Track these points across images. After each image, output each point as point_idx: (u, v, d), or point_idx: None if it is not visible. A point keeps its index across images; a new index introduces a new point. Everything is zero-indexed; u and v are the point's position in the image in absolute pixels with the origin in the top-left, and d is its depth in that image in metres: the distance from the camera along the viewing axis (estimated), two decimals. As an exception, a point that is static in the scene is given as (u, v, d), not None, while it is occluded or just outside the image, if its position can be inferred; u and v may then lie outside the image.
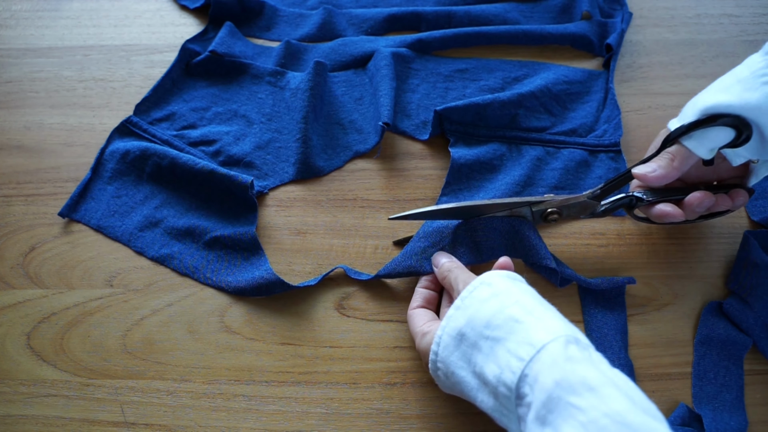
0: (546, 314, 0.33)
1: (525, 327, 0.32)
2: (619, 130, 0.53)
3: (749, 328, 0.43)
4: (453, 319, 0.36)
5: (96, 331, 0.45)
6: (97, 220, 0.49)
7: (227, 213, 0.49)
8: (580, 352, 0.30)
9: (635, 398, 0.27)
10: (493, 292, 0.35)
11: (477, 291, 0.36)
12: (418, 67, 0.59)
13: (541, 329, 0.31)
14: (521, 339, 0.31)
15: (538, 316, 0.33)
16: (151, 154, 0.51)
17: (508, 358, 0.31)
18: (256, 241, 0.47)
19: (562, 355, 0.29)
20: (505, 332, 0.32)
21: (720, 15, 0.65)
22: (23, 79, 0.60)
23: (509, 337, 0.32)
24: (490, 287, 0.36)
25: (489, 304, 0.34)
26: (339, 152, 0.54)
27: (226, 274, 0.46)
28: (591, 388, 0.27)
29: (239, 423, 0.41)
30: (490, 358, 0.32)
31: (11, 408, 0.42)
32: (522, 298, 0.34)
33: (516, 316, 0.33)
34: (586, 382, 0.28)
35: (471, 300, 0.35)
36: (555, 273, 0.44)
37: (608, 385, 0.27)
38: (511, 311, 0.33)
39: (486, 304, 0.34)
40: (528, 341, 0.31)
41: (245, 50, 0.61)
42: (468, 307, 0.35)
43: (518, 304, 0.34)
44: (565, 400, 0.27)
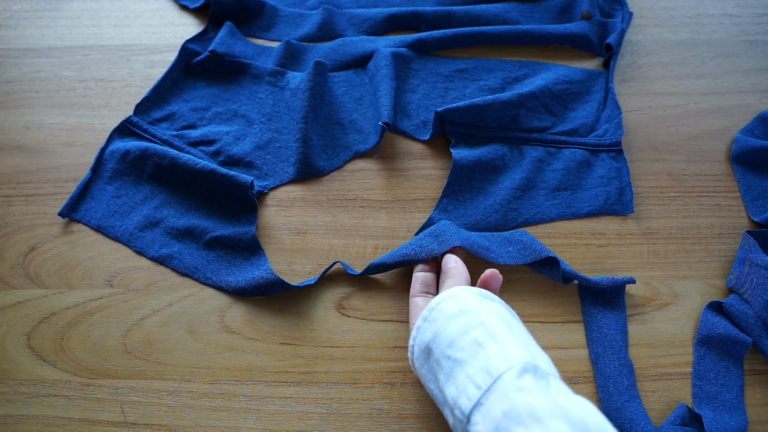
0: (509, 339, 0.32)
1: (485, 353, 0.32)
2: (620, 130, 0.53)
3: (749, 328, 0.43)
4: (422, 331, 0.36)
5: (96, 331, 0.45)
6: (97, 220, 0.49)
7: (227, 213, 0.49)
8: (535, 381, 0.29)
9: (589, 429, 0.27)
10: (461, 309, 0.35)
11: (444, 304, 0.36)
12: (418, 67, 0.60)
13: (500, 357, 0.31)
14: (480, 366, 0.31)
15: (500, 341, 0.32)
16: (151, 154, 0.51)
17: (466, 384, 0.31)
18: (256, 241, 0.47)
19: (514, 384, 0.29)
20: (467, 356, 0.32)
21: (720, 15, 0.65)
22: (23, 79, 0.60)
23: (470, 362, 0.32)
24: (458, 302, 0.35)
25: (455, 321, 0.34)
26: (339, 152, 0.54)
27: (226, 274, 0.46)
28: (537, 419, 0.27)
29: (240, 423, 0.41)
30: (450, 379, 0.32)
31: (11, 408, 0.42)
32: (489, 319, 0.34)
33: (479, 340, 0.33)
34: (533, 413, 0.27)
35: (438, 313, 0.36)
36: (557, 267, 0.44)
37: (556, 416, 0.27)
38: (475, 334, 0.33)
39: (452, 321, 0.34)
40: (486, 369, 0.31)
41: (245, 50, 0.61)
42: (435, 320, 0.35)
43: (483, 327, 0.33)
44: (511, 430, 0.27)
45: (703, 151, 0.54)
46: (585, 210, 0.50)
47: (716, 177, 0.52)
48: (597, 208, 0.50)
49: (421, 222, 0.49)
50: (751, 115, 0.56)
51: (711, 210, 0.50)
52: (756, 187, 0.51)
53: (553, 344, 0.44)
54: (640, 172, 0.52)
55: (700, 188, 0.52)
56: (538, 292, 0.46)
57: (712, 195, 0.51)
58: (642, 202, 0.51)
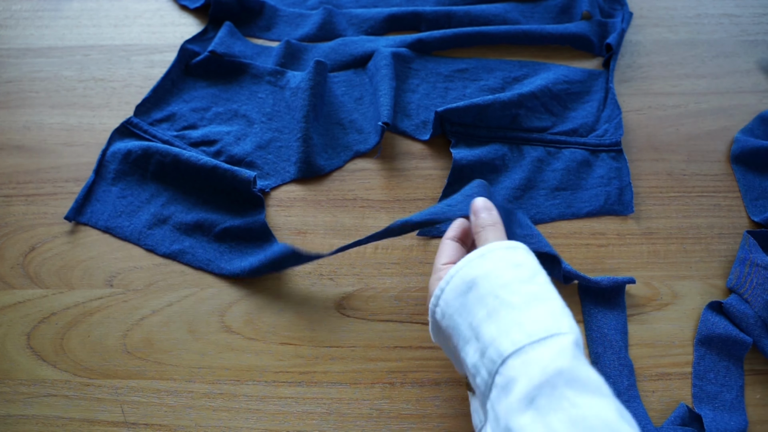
0: (566, 311, 0.31)
1: (543, 309, 0.30)
2: (620, 130, 0.53)
3: (749, 328, 0.43)
4: (471, 265, 0.33)
5: (96, 331, 0.45)
6: (105, 222, 0.49)
7: (234, 205, 0.49)
8: (585, 359, 0.29)
9: (625, 417, 0.27)
10: (520, 262, 0.33)
11: (503, 251, 0.34)
12: (418, 67, 0.60)
13: (560, 319, 0.30)
14: (535, 317, 0.30)
15: (558, 306, 0.31)
16: (153, 153, 0.51)
17: (511, 328, 0.29)
18: (267, 229, 0.47)
19: (572, 351, 0.28)
20: (522, 302, 0.31)
21: (720, 15, 0.65)
22: (23, 79, 0.60)
23: (524, 309, 0.30)
24: (518, 255, 0.34)
25: (515, 271, 0.33)
26: (339, 152, 0.54)
27: (240, 261, 0.47)
28: (591, 390, 0.27)
29: (240, 423, 0.41)
30: (492, 317, 0.31)
31: (11, 408, 0.42)
32: (547, 285, 0.33)
33: (538, 295, 0.31)
34: (588, 383, 0.27)
35: (497, 255, 0.33)
36: (558, 265, 0.44)
37: (607, 394, 0.27)
38: (534, 288, 0.32)
39: (511, 270, 0.33)
40: (541, 322, 0.29)
41: (245, 50, 0.61)
42: (492, 260, 0.33)
43: (543, 285, 0.32)
44: (562, 389, 0.27)
45: (703, 151, 0.54)
46: (585, 210, 0.50)
47: (716, 177, 0.52)
48: (597, 208, 0.50)
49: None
50: (751, 115, 0.56)
51: (711, 210, 0.50)
52: (756, 187, 0.51)
53: (553, 344, 0.44)
54: (640, 172, 0.52)
55: (700, 188, 0.52)
56: (538, 292, 0.46)
57: (712, 195, 0.51)
58: (642, 202, 0.51)
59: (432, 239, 0.48)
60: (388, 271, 0.47)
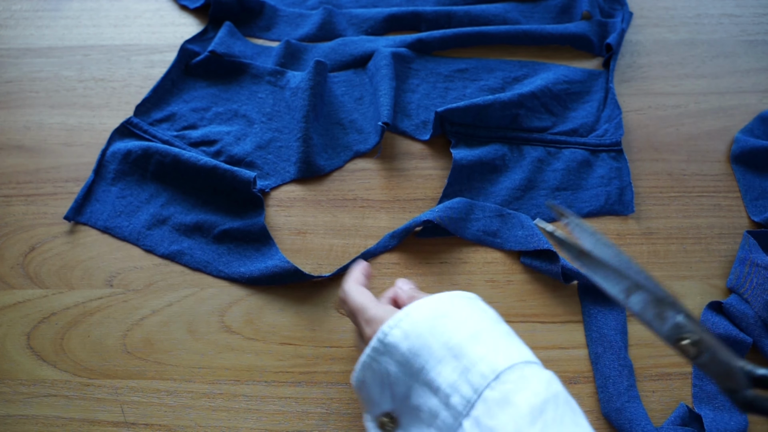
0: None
1: (522, 344, 0.32)
2: (620, 130, 0.53)
3: (749, 328, 0.43)
4: (441, 299, 0.33)
5: (96, 331, 0.45)
6: (104, 222, 0.49)
7: (234, 206, 0.49)
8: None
9: None
10: (486, 308, 0.34)
11: (471, 300, 0.34)
12: (418, 67, 0.59)
13: (536, 359, 0.31)
14: (519, 346, 0.31)
15: (529, 350, 0.32)
16: (153, 153, 0.51)
17: (500, 349, 0.30)
18: (266, 232, 0.47)
19: (559, 381, 0.29)
20: (501, 333, 0.32)
21: (720, 15, 0.65)
22: (23, 79, 0.60)
23: (506, 338, 0.31)
24: (482, 303, 0.35)
25: (486, 312, 0.34)
26: (339, 152, 0.54)
27: (239, 265, 0.47)
28: (585, 418, 0.28)
29: (240, 423, 0.41)
30: (477, 339, 0.30)
31: (11, 408, 0.42)
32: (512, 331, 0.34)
33: (513, 333, 0.33)
34: (581, 413, 0.28)
35: (464, 300, 0.34)
36: (557, 262, 0.44)
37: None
38: (506, 328, 0.33)
39: (482, 312, 0.33)
40: (526, 351, 0.31)
41: (245, 50, 0.61)
42: (460, 300, 0.33)
43: (511, 330, 0.34)
44: (564, 408, 0.28)
45: (703, 151, 0.54)
46: (585, 210, 0.50)
47: (716, 177, 0.52)
48: (597, 208, 0.50)
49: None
50: (751, 115, 0.56)
51: (711, 210, 0.50)
52: (756, 187, 0.51)
53: (553, 344, 0.44)
54: (640, 172, 0.52)
55: (700, 188, 0.52)
56: (538, 292, 0.46)
57: (712, 195, 0.51)
58: (642, 202, 0.51)
59: (432, 239, 0.48)
60: (388, 271, 0.47)
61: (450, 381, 0.29)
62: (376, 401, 0.32)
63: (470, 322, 0.31)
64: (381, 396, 0.31)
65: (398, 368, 0.30)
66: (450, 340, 0.30)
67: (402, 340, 0.31)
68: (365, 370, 0.32)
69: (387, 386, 0.31)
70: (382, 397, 0.31)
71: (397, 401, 0.31)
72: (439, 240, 0.48)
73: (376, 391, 0.32)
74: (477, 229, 0.48)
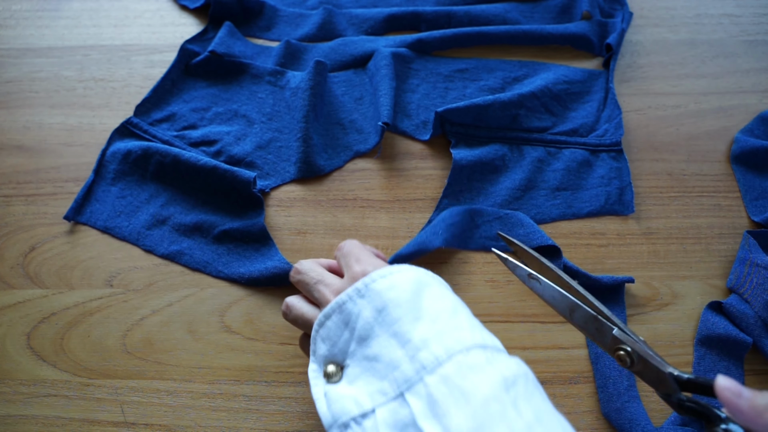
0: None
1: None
2: (620, 130, 0.53)
3: (749, 328, 0.43)
4: (410, 267, 0.33)
5: (96, 331, 0.45)
6: (104, 222, 0.49)
7: (234, 207, 0.49)
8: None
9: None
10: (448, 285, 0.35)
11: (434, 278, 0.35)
12: (418, 67, 0.59)
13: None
14: (486, 333, 0.31)
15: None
16: (153, 153, 0.51)
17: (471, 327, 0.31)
18: (266, 232, 0.47)
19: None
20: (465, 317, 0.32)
21: (720, 15, 0.65)
22: (23, 79, 0.60)
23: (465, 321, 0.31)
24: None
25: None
26: (339, 152, 0.54)
27: (238, 266, 0.47)
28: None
29: (240, 423, 0.41)
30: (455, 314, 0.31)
31: (11, 408, 0.42)
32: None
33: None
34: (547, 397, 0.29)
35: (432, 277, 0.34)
36: (559, 258, 0.45)
37: None
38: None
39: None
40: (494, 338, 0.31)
41: (245, 50, 0.61)
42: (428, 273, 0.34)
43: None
44: (534, 385, 0.29)
45: (703, 151, 0.54)
46: (585, 210, 0.50)
47: (716, 177, 0.52)
48: (597, 208, 0.50)
49: (421, 222, 0.49)
50: (751, 115, 0.56)
51: (711, 210, 0.50)
52: (756, 187, 0.51)
53: (553, 344, 0.44)
54: (640, 172, 0.52)
55: (700, 188, 0.52)
56: (538, 292, 0.46)
57: (712, 195, 0.51)
58: (642, 202, 0.51)
59: (432, 239, 0.49)
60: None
61: (423, 337, 0.29)
62: (330, 341, 0.32)
63: (450, 299, 0.32)
64: (337, 336, 0.32)
65: (372, 313, 0.31)
66: (432, 305, 0.31)
67: (386, 289, 0.31)
68: (337, 307, 0.32)
69: (349, 328, 0.31)
70: (337, 342, 0.32)
71: (353, 346, 0.31)
72: (439, 240, 0.48)
73: (334, 330, 0.32)
74: (479, 236, 0.48)
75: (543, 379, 0.42)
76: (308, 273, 0.37)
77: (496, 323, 0.45)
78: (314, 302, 0.36)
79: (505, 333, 0.44)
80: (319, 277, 0.36)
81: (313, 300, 0.36)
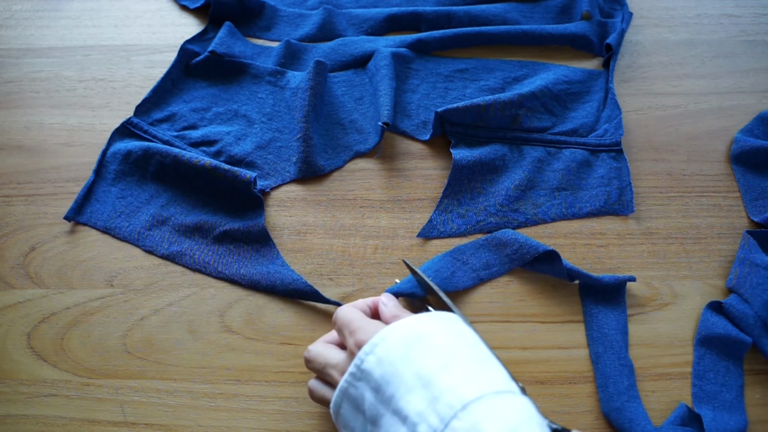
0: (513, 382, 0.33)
1: (497, 369, 0.32)
2: (620, 130, 0.53)
3: (749, 328, 0.43)
4: (419, 321, 0.33)
5: (96, 331, 0.45)
6: (104, 222, 0.49)
7: (234, 207, 0.49)
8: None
9: None
10: (463, 331, 0.34)
11: (449, 321, 0.34)
12: (418, 67, 0.60)
13: (513, 383, 0.31)
14: (492, 374, 0.31)
15: (506, 372, 0.33)
16: (154, 153, 0.51)
17: (470, 378, 0.30)
18: (266, 233, 0.48)
19: (535, 408, 0.30)
20: (477, 359, 0.32)
21: (720, 15, 0.65)
22: (23, 79, 0.60)
23: (479, 365, 0.31)
24: (461, 324, 0.35)
25: (462, 337, 0.34)
26: (339, 152, 0.54)
27: (239, 267, 0.47)
28: None
29: (240, 423, 0.41)
30: (448, 368, 0.30)
31: (11, 408, 0.42)
32: (490, 352, 0.34)
33: (489, 357, 0.33)
34: None
35: (443, 321, 0.34)
36: (558, 261, 0.44)
37: None
38: (482, 352, 0.33)
39: (457, 336, 0.33)
40: (500, 378, 0.31)
41: (245, 50, 0.61)
42: (439, 321, 0.34)
43: (488, 352, 0.34)
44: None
45: (703, 151, 0.54)
46: (585, 210, 0.50)
47: (716, 177, 0.52)
48: (597, 208, 0.50)
49: (421, 222, 0.49)
50: (751, 115, 0.56)
51: (711, 210, 0.50)
52: (756, 187, 0.51)
53: (553, 344, 0.44)
54: (640, 172, 0.52)
55: (700, 188, 0.52)
56: (538, 292, 0.46)
57: (712, 195, 0.51)
58: (642, 202, 0.51)
59: (432, 239, 0.48)
60: (387, 271, 0.47)
61: (418, 410, 0.29)
62: (350, 428, 0.32)
63: (443, 348, 0.31)
64: (354, 422, 0.32)
65: (372, 395, 0.31)
66: (421, 368, 0.30)
67: (376, 366, 0.31)
68: (342, 394, 0.32)
69: (361, 412, 0.31)
70: (356, 424, 0.32)
71: (369, 428, 0.31)
72: (440, 241, 0.48)
73: (350, 417, 0.32)
74: (466, 273, 0.46)
75: (543, 379, 0.42)
76: (316, 360, 0.37)
77: (496, 323, 0.45)
78: (328, 383, 0.37)
79: (505, 333, 0.44)
80: (325, 361, 0.36)
81: (327, 382, 0.37)
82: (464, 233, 0.49)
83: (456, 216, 0.49)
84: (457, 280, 0.46)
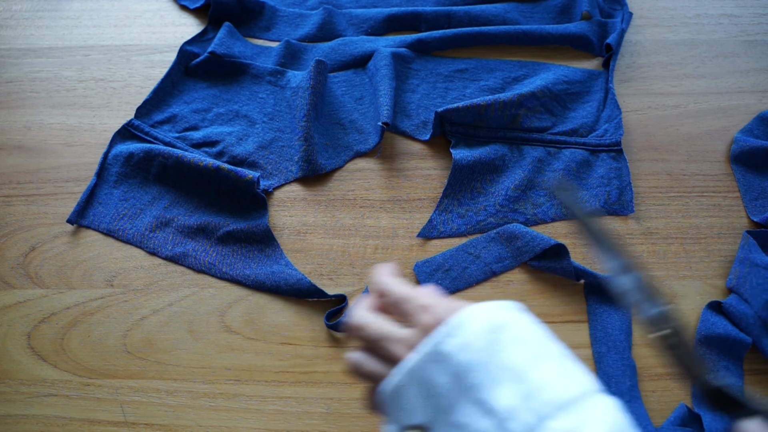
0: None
1: (581, 369, 0.29)
2: (620, 130, 0.53)
3: (749, 328, 0.43)
4: (497, 306, 0.30)
5: (96, 331, 0.45)
6: (107, 225, 0.49)
7: (237, 207, 0.49)
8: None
9: None
10: (536, 320, 0.31)
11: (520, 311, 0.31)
12: (418, 67, 0.60)
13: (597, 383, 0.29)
14: (582, 372, 0.29)
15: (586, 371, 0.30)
16: (156, 155, 0.51)
17: (566, 375, 0.28)
18: (270, 233, 0.48)
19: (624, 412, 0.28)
20: (563, 355, 0.30)
21: (720, 15, 0.65)
22: (23, 79, 0.60)
23: (569, 362, 0.29)
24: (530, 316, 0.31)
25: (537, 326, 0.31)
26: (340, 152, 0.54)
27: (243, 267, 0.47)
28: None
29: (239, 423, 0.41)
30: (541, 361, 0.28)
31: (12, 408, 0.42)
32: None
33: (569, 354, 0.30)
34: None
35: (515, 312, 0.30)
36: (566, 255, 0.44)
37: None
38: (561, 347, 0.30)
39: (533, 324, 0.30)
40: (591, 379, 0.29)
41: (244, 50, 0.61)
42: (514, 310, 0.30)
43: (563, 347, 0.31)
44: None
45: (703, 151, 0.54)
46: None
47: (716, 177, 0.52)
48: (597, 208, 0.50)
49: (421, 222, 0.49)
50: (750, 115, 0.56)
51: (711, 210, 0.50)
52: (756, 187, 0.51)
53: (553, 344, 0.44)
54: (640, 172, 0.52)
55: (700, 188, 0.52)
56: (538, 292, 0.46)
57: (712, 195, 0.51)
58: (642, 202, 0.51)
59: (432, 240, 0.49)
60: (388, 271, 0.47)
61: (509, 405, 0.27)
62: (410, 411, 0.29)
63: (530, 341, 0.29)
64: (418, 406, 0.29)
65: (449, 379, 0.28)
66: (510, 359, 0.28)
67: (458, 351, 0.28)
68: (410, 374, 0.29)
69: (431, 397, 0.29)
70: (420, 408, 0.29)
71: (435, 413, 0.29)
72: (440, 241, 0.48)
73: (415, 400, 0.29)
74: (479, 267, 0.47)
75: (543, 379, 0.42)
76: (370, 328, 0.33)
77: (496, 323, 0.45)
78: (383, 357, 0.32)
79: (505, 333, 0.44)
80: (385, 333, 0.32)
81: (381, 355, 0.33)
82: (464, 233, 0.49)
83: (456, 216, 0.49)
84: (470, 276, 0.47)
